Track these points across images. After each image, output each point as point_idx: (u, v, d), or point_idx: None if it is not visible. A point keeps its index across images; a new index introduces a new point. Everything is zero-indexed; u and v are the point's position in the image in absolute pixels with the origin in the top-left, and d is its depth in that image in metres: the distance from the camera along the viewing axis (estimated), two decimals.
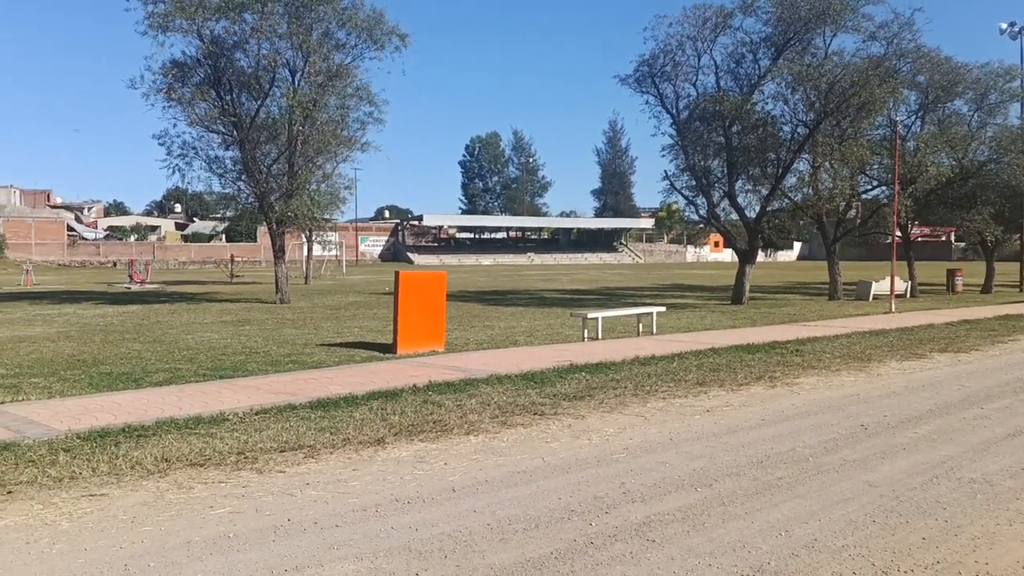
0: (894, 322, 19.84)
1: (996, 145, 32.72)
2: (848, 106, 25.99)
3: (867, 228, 36.98)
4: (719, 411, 9.04)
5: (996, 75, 33.03)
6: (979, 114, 33.68)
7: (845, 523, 5.27)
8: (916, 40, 28.13)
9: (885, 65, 26.79)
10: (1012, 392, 10.37)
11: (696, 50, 27.43)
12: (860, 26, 26.68)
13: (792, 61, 26.19)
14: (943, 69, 31.19)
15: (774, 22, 26.53)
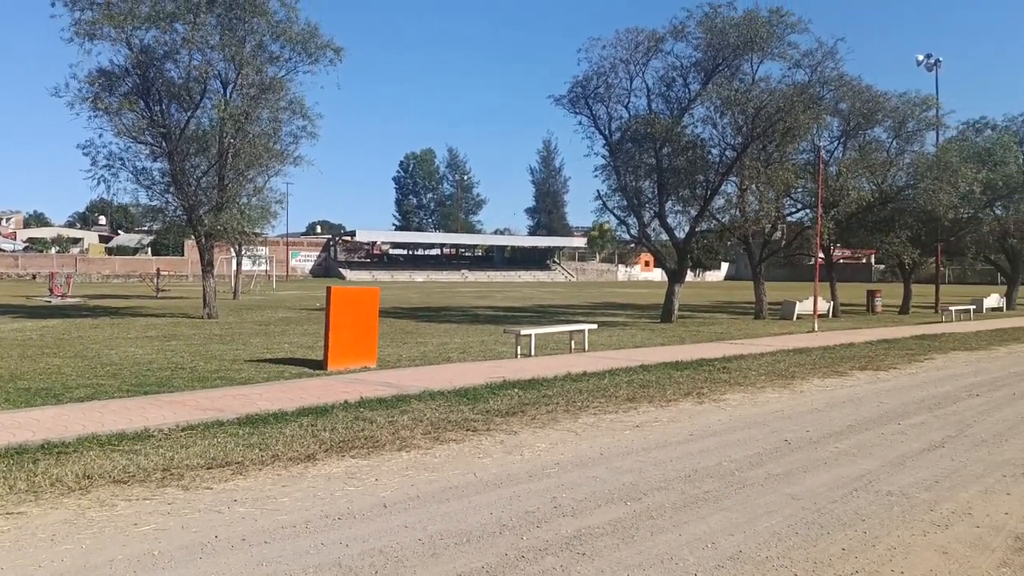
0: (817, 341, 20.41)
1: (913, 171, 34.00)
2: (774, 131, 26.77)
3: (792, 249, 37.99)
4: (648, 426, 9.19)
5: (913, 104, 34.38)
6: (897, 141, 34.96)
7: (769, 535, 5.41)
8: (839, 69, 29.16)
9: (809, 92, 27.68)
10: (927, 409, 10.77)
11: (629, 73, 27.97)
12: (786, 54, 27.54)
13: (721, 86, 26.86)
14: (864, 97, 32.33)
15: (704, 47, 27.20)
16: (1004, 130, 43.71)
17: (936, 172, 32.40)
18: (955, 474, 7.19)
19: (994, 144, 39.73)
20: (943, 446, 8.38)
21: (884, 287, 45.72)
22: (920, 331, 24.40)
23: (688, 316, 31.46)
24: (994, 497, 6.45)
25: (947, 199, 32.70)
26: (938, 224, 35.54)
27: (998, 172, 37.32)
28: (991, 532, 5.57)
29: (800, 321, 29.11)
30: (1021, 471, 7.33)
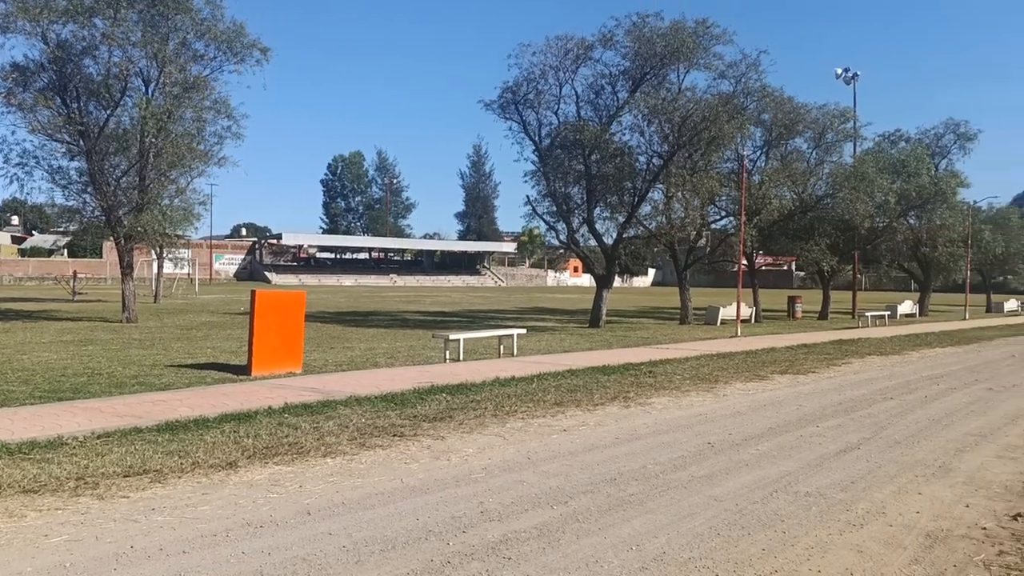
0: (740, 345, 20.86)
1: (832, 181, 35.07)
2: (699, 139, 27.27)
3: (716, 256, 38.76)
4: (576, 430, 9.25)
5: (832, 116, 35.48)
6: (817, 152, 36.03)
7: (692, 536, 5.50)
8: (761, 80, 29.88)
9: (733, 102, 28.29)
10: (844, 411, 11.10)
11: (558, 80, 28.18)
12: (711, 64, 28.09)
13: (648, 94, 27.26)
14: (785, 108, 33.22)
15: (632, 56, 27.57)
16: (917, 142, 45.45)
17: (853, 182, 33.48)
18: (870, 475, 7.41)
19: (908, 156, 41.27)
20: (859, 448, 8.64)
21: (804, 293, 46.99)
22: (838, 336, 25.15)
23: (616, 321, 31.82)
24: (907, 497, 6.67)
25: (864, 208, 33.85)
26: (855, 232, 36.73)
27: (912, 183, 38.77)
28: (903, 531, 5.75)
29: (724, 326, 29.73)
30: (932, 471, 7.60)
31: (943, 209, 41.28)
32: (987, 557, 5.19)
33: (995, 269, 58.22)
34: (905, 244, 43.54)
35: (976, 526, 5.88)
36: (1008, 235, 50.97)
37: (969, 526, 5.88)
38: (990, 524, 5.93)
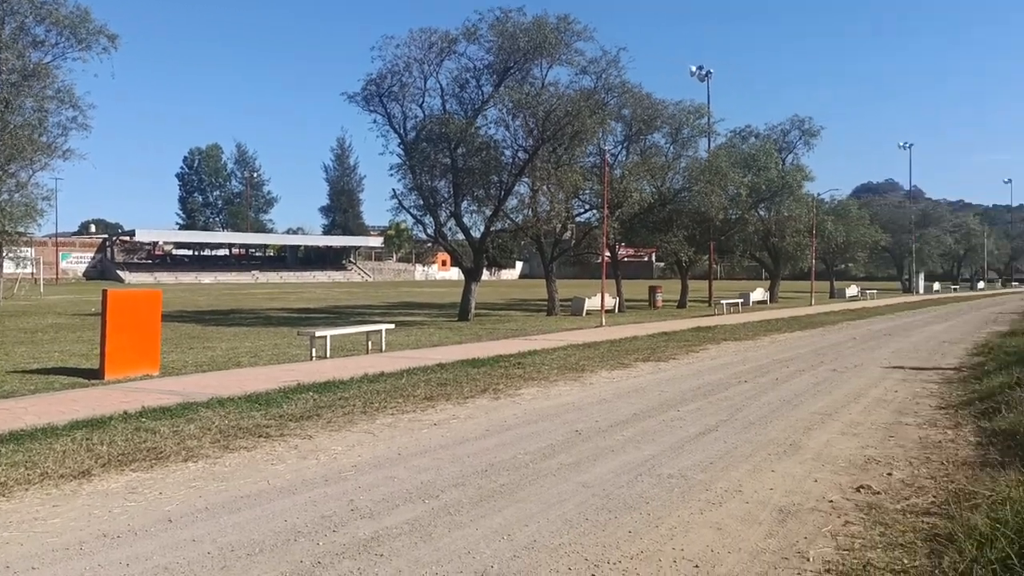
0: (604, 335, 21.41)
1: (688, 175, 36.48)
2: (563, 134, 27.77)
3: (580, 248, 39.63)
4: (446, 424, 9.27)
5: (688, 112, 36.89)
6: (674, 146, 37.37)
7: (562, 523, 5.61)
8: (621, 76, 30.72)
9: (595, 98, 28.96)
10: (702, 396, 11.58)
11: (423, 72, 28.06)
12: (573, 60, 28.63)
13: (512, 89, 27.53)
14: (644, 104, 34.27)
15: (496, 51, 27.75)
16: (766, 138, 47.88)
17: (708, 176, 34.92)
18: (727, 455, 7.77)
19: (758, 151, 43.43)
20: (717, 429, 9.04)
21: (664, 283, 48.71)
22: (696, 324, 26.19)
23: (485, 314, 32.02)
24: (761, 474, 7.03)
25: (718, 201, 35.39)
26: (711, 224, 38.33)
27: (761, 176, 40.83)
28: (759, 507, 6.06)
29: (589, 316, 30.42)
30: (784, 449, 8.04)
31: (790, 201, 43.70)
32: (834, 528, 5.54)
33: (837, 257, 62.09)
34: (756, 235, 45.82)
35: (824, 499, 6.26)
36: (848, 225, 54.44)
37: (818, 499, 6.25)
38: (836, 497, 6.33)
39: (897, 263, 77.93)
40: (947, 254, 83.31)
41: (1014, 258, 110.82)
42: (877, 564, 4.78)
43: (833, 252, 58.04)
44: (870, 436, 8.77)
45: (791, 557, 4.97)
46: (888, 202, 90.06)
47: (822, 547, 5.14)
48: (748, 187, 38.42)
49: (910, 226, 72.34)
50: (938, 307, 43.27)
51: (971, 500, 5.86)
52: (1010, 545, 4.68)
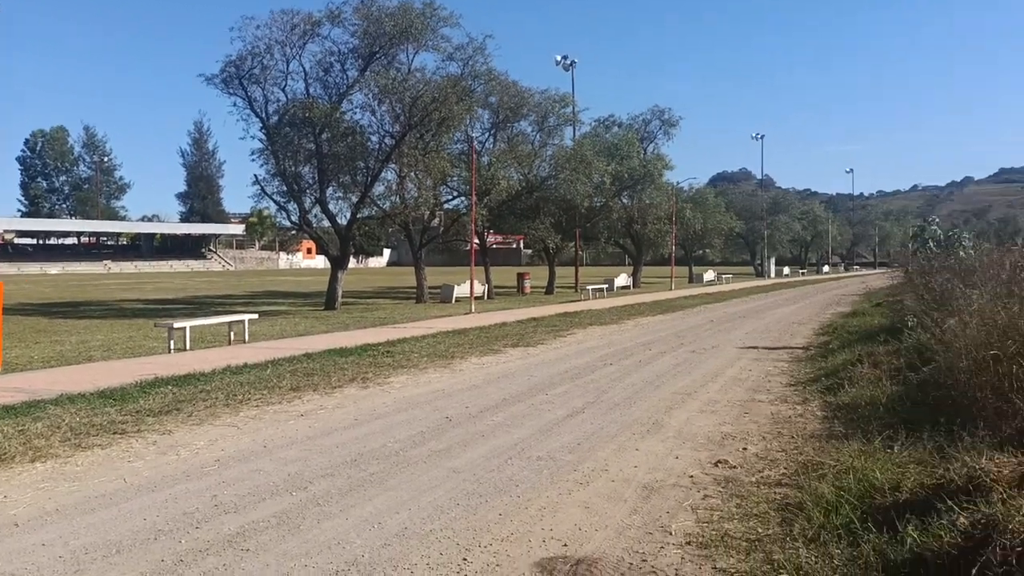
0: (474, 322, 21.52)
1: (555, 163, 37.03)
2: (430, 120, 27.66)
3: (449, 235, 39.65)
4: (314, 414, 9.10)
5: (554, 101, 37.44)
6: (541, 135, 37.89)
7: (433, 509, 5.62)
8: (488, 64, 30.86)
9: (462, 85, 28.96)
10: (570, 379, 11.82)
11: (285, 55, 27.33)
12: (439, 46, 28.58)
13: (378, 74, 27.20)
14: (511, 92, 34.55)
15: (361, 35, 27.34)
16: (629, 127, 49.17)
17: (574, 164, 35.55)
18: (594, 436, 7.97)
19: (621, 140, 44.52)
20: (584, 411, 9.26)
21: (532, 270, 49.37)
22: (563, 309, 26.69)
23: (352, 302, 31.57)
24: (626, 453, 7.25)
25: (583, 189, 36.09)
26: (576, 211, 39.06)
27: (624, 165, 41.88)
28: (624, 484, 6.25)
29: (458, 303, 30.50)
30: (647, 428, 8.32)
31: (651, 189, 45.06)
32: (694, 502, 5.78)
33: (695, 244, 64.51)
34: (620, 222, 47.02)
35: (685, 475, 6.52)
36: (706, 212, 56.64)
37: (679, 475, 6.51)
38: (696, 472, 6.61)
39: (750, 249, 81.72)
40: (796, 240, 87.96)
41: (855, 243, 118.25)
42: (734, 534, 5.02)
43: (692, 238, 60.28)
44: (727, 413, 9.19)
45: (655, 531, 5.16)
46: (742, 190, 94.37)
47: (683, 521, 5.35)
48: (612, 175, 39.37)
49: (762, 213, 75.92)
50: (788, 290, 45.71)
51: (818, 471, 6.23)
52: (853, 511, 5.02)
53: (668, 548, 4.86)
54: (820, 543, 4.68)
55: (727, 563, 4.58)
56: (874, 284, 40.35)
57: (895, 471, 5.64)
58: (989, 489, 4.39)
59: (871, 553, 4.33)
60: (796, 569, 4.31)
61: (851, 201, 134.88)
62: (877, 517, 4.81)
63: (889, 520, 4.65)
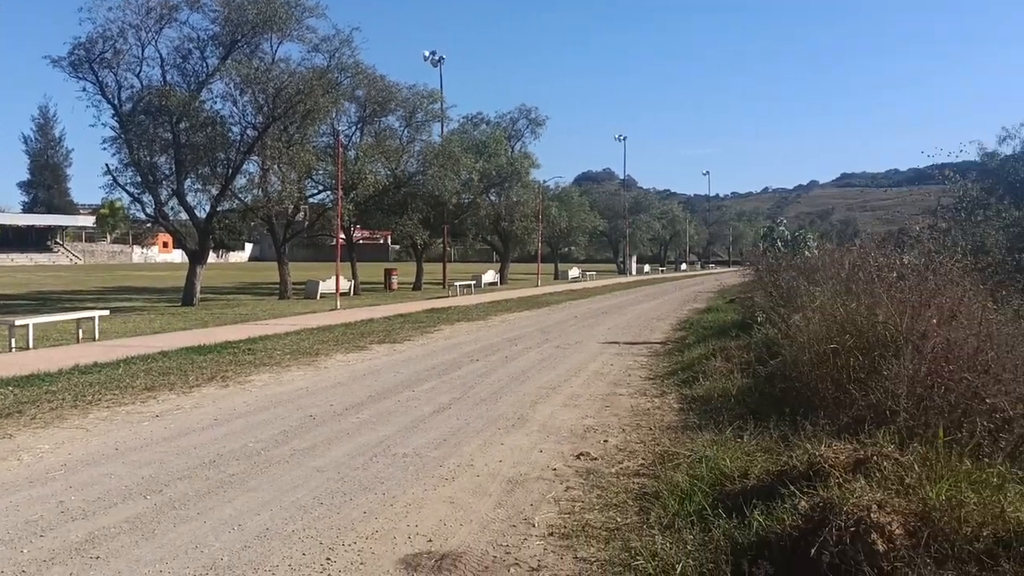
0: (339, 318, 21.22)
1: (423, 159, 36.90)
2: (295, 112, 27.02)
3: (314, 230, 38.86)
4: (170, 415, 8.76)
5: (422, 97, 37.28)
6: (409, 130, 37.67)
7: (295, 509, 5.53)
8: (355, 57, 30.41)
9: (328, 77, 28.43)
10: (437, 375, 11.84)
11: (140, 40, 26.06)
12: (305, 37, 27.98)
13: (240, 63, 26.34)
14: (379, 86, 34.16)
15: (222, 21, 26.42)
16: (496, 125, 49.57)
17: (442, 160, 35.54)
18: (460, 431, 8.03)
19: (488, 137, 44.82)
20: (450, 407, 9.31)
21: (400, 266, 49.00)
22: (431, 305, 26.67)
23: (212, 298, 30.47)
24: (491, 448, 7.34)
25: (451, 185, 36.13)
26: (444, 208, 39.05)
27: (492, 162, 42.19)
28: (489, 479, 6.34)
29: (324, 300, 29.96)
30: (512, 423, 8.44)
31: (518, 187, 45.60)
32: (557, 494, 5.92)
33: (561, 241, 65.75)
34: (487, 219, 47.34)
35: (548, 468, 6.67)
36: (571, 211, 57.85)
37: (543, 468, 6.65)
38: (559, 465, 6.77)
39: (613, 246, 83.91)
40: (656, 239, 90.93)
41: (711, 242, 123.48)
42: (594, 524, 5.18)
43: (557, 236, 61.36)
44: (589, 407, 9.44)
45: (518, 524, 5.26)
46: (605, 190, 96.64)
47: (546, 513, 5.48)
48: (480, 172, 39.58)
49: (624, 213, 78.06)
50: (648, 287, 47.25)
51: (674, 460, 6.51)
52: (705, 498, 5.28)
53: (531, 540, 4.97)
54: (675, 530, 4.89)
55: (587, 552, 4.73)
56: (728, 282, 42.25)
57: (744, 459, 5.95)
58: (827, 474, 4.69)
59: (721, 538, 4.56)
60: (652, 555, 4.49)
61: (707, 202, 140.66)
62: (727, 503, 5.08)
63: (738, 506, 4.92)
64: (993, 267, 10.43)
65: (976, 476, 4.28)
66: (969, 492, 4.05)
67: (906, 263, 9.81)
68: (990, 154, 21.27)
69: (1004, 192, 20.17)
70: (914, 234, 18.66)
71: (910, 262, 9.89)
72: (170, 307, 26.14)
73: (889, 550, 3.68)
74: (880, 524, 3.80)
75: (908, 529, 3.81)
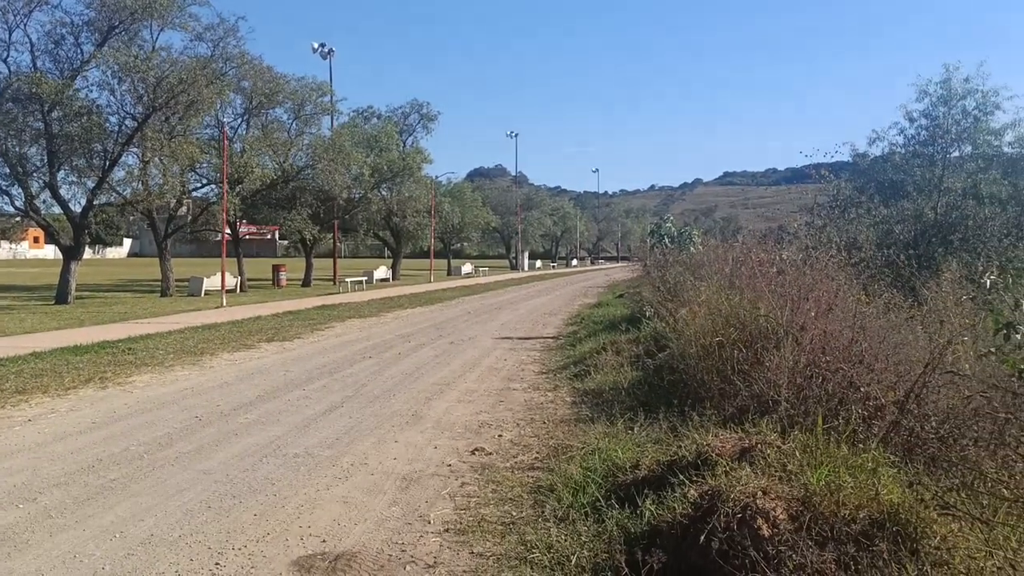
0: (226, 316, 20.60)
1: (312, 152, 36.15)
2: (177, 103, 26.03)
3: (198, 225, 37.52)
4: (44, 419, 8.32)
5: (311, 89, 36.51)
6: (297, 123, 36.82)
7: (182, 514, 5.34)
8: (241, 47, 29.54)
9: (212, 67, 27.52)
10: (328, 373, 11.65)
11: (7, 24, 24.65)
12: (187, 25, 26.97)
13: (118, 50, 25.20)
14: (266, 78, 33.28)
15: (98, 6, 25.20)
16: (388, 119, 49.09)
17: (332, 154, 34.93)
18: (353, 430, 7.93)
19: (379, 132, 44.36)
20: (343, 406, 9.17)
21: (289, 262, 48.04)
22: (321, 302, 26.20)
23: (88, 296, 29.08)
24: (385, 446, 7.28)
25: (342, 180, 35.57)
26: (335, 202, 38.44)
27: (384, 157, 41.80)
28: (383, 477, 6.28)
29: (208, 297, 29.03)
30: (406, 420, 8.39)
31: (410, 182, 45.30)
32: (452, 490, 5.92)
33: (454, 237, 65.69)
34: (379, 214, 46.79)
35: (443, 464, 6.66)
36: (464, 207, 57.89)
37: (438, 465, 6.64)
38: (454, 461, 6.76)
39: (505, 242, 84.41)
40: (547, 234, 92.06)
41: (601, 238, 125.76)
42: (490, 519, 5.21)
43: (450, 232, 61.28)
44: (483, 402, 9.48)
45: (414, 521, 5.23)
46: (498, 186, 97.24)
47: (442, 509, 5.47)
48: (371, 167, 39.11)
49: (516, 209, 78.64)
50: (540, 282, 47.72)
51: (568, 453, 6.60)
52: (599, 489, 5.37)
53: (427, 537, 4.95)
54: (569, 521, 4.97)
55: (483, 547, 4.74)
56: (617, 277, 43.16)
57: (635, 450, 6.09)
58: (715, 463, 4.84)
59: (614, 528, 4.66)
60: (547, 548, 4.55)
61: (597, 199, 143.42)
62: (620, 494, 5.18)
63: (630, 496, 5.03)
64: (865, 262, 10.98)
65: (853, 461, 4.50)
66: (846, 476, 4.25)
67: (785, 259, 10.22)
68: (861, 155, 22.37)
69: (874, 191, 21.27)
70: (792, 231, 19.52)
71: (789, 258, 10.31)
72: (43, 305, 24.80)
73: (774, 534, 3.84)
74: (765, 510, 3.96)
75: (791, 514, 3.97)
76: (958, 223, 19.54)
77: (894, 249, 14.82)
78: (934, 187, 20.24)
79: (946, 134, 20.31)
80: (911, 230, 19.81)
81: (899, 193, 20.83)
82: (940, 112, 20.26)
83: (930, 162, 20.78)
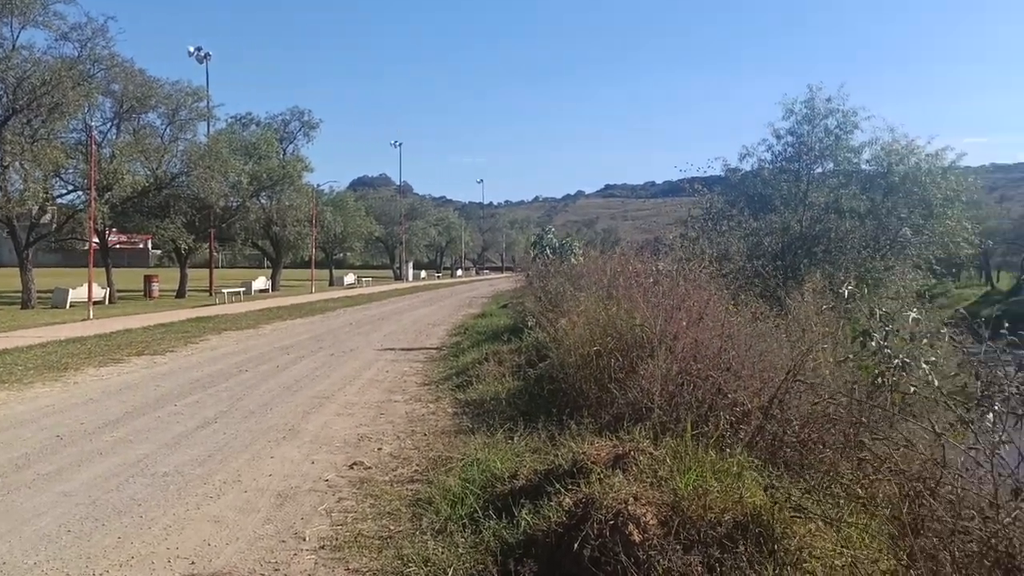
0: (92, 329, 19.64)
1: (187, 159, 34.95)
2: (40, 105, 24.78)
3: (63, 234, 35.64)
4: None
5: (186, 94, 35.30)
6: (171, 128, 35.52)
7: (38, 539, 5.06)
8: (110, 48, 28.34)
9: (79, 68, 26.31)
10: (201, 388, 11.26)
11: None
12: (51, 23, 25.73)
13: None
14: (137, 81, 32.01)
15: None
16: (267, 127, 48.00)
17: (208, 161, 33.88)
18: (227, 446, 7.68)
19: (259, 139, 43.30)
20: (216, 422, 8.88)
21: (162, 272, 46.11)
22: (196, 314, 25.31)
23: None
24: (260, 462, 7.09)
25: (218, 187, 34.52)
26: (211, 211, 37.24)
27: (263, 165, 40.82)
28: (257, 494, 6.11)
29: (74, 309, 27.60)
30: (283, 435, 8.20)
31: (291, 191, 44.41)
32: (329, 505, 5.82)
33: (336, 247, 64.71)
34: (258, 223, 45.64)
35: (320, 479, 6.53)
36: (346, 216, 57.12)
37: (315, 480, 6.51)
38: (332, 476, 6.65)
39: (389, 252, 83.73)
40: (432, 245, 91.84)
41: (485, 249, 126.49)
42: (367, 534, 5.14)
43: (332, 241, 60.33)
44: (363, 415, 9.36)
45: (288, 539, 5.11)
46: (382, 195, 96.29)
47: (318, 525, 5.37)
48: (249, 175, 38.11)
49: (401, 219, 78.15)
50: (424, 292, 47.53)
51: (447, 465, 6.59)
52: (477, 500, 5.38)
53: (302, 554, 4.85)
54: (447, 534, 4.96)
55: (360, 563, 4.68)
56: (501, 287, 43.44)
57: (514, 460, 6.14)
58: (590, 471, 4.93)
59: (491, 539, 4.68)
60: (424, 561, 4.52)
61: (481, 209, 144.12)
62: (498, 504, 5.21)
63: (507, 506, 5.06)
64: (735, 273, 11.44)
65: (720, 466, 4.67)
66: (713, 481, 4.41)
67: (660, 269, 10.53)
68: (733, 169, 23.35)
69: (744, 204, 22.22)
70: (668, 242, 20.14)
71: (664, 269, 10.63)
72: None
73: (644, 540, 3.93)
74: (636, 515, 4.05)
75: (661, 519, 4.08)
76: (821, 235, 20.64)
77: (763, 260, 15.52)
78: (799, 201, 21.30)
79: (810, 151, 21.45)
80: (779, 242, 20.78)
81: (768, 207, 21.83)
82: (804, 130, 21.39)
83: (796, 177, 21.87)
